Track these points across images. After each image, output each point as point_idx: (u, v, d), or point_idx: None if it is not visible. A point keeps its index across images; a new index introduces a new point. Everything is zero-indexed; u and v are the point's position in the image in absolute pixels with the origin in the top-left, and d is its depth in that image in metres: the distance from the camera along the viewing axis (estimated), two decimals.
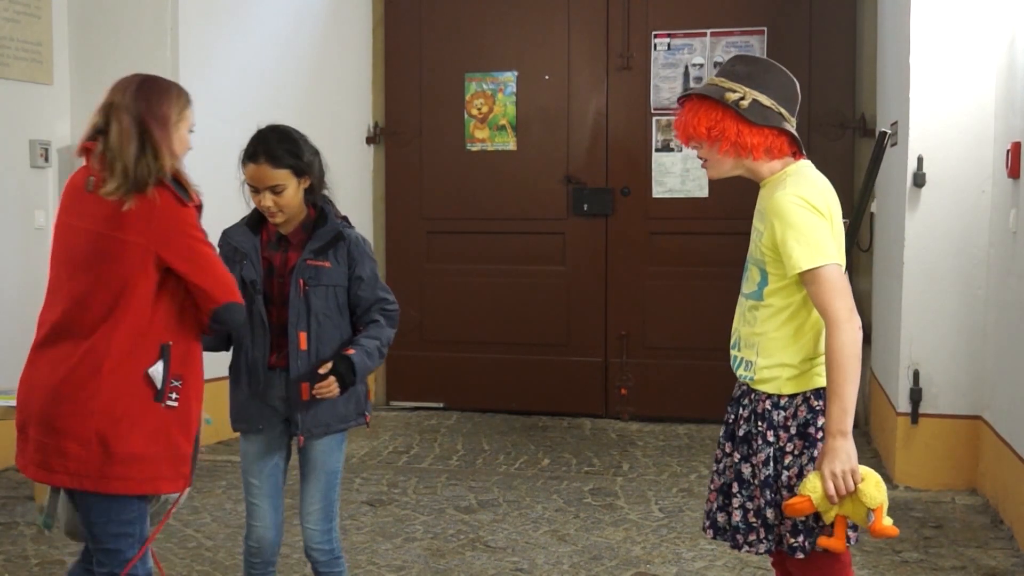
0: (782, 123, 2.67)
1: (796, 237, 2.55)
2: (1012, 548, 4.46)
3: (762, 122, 2.64)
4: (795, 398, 2.66)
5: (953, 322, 5.27)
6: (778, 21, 6.78)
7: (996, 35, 5.10)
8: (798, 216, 2.56)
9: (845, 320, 2.52)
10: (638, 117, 6.96)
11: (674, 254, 6.96)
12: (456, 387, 7.27)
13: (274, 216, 3.20)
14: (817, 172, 2.72)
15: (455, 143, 7.29)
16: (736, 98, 2.64)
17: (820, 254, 2.54)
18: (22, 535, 4.67)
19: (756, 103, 2.65)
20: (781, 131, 2.67)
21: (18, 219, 5.87)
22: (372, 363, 3.26)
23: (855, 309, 2.55)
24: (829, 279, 2.54)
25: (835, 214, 2.64)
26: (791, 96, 2.70)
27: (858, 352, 2.53)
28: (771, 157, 2.70)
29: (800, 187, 2.61)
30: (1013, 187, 4.75)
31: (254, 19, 6.58)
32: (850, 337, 2.51)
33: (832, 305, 2.53)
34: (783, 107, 2.67)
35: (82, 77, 6.14)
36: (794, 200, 2.58)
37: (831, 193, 2.66)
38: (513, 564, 4.33)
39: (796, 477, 2.64)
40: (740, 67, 2.72)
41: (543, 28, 7.12)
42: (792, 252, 2.56)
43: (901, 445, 5.34)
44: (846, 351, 2.51)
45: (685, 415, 6.76)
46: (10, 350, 5.93)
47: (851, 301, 2.55)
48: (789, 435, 2.65)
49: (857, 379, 2.53)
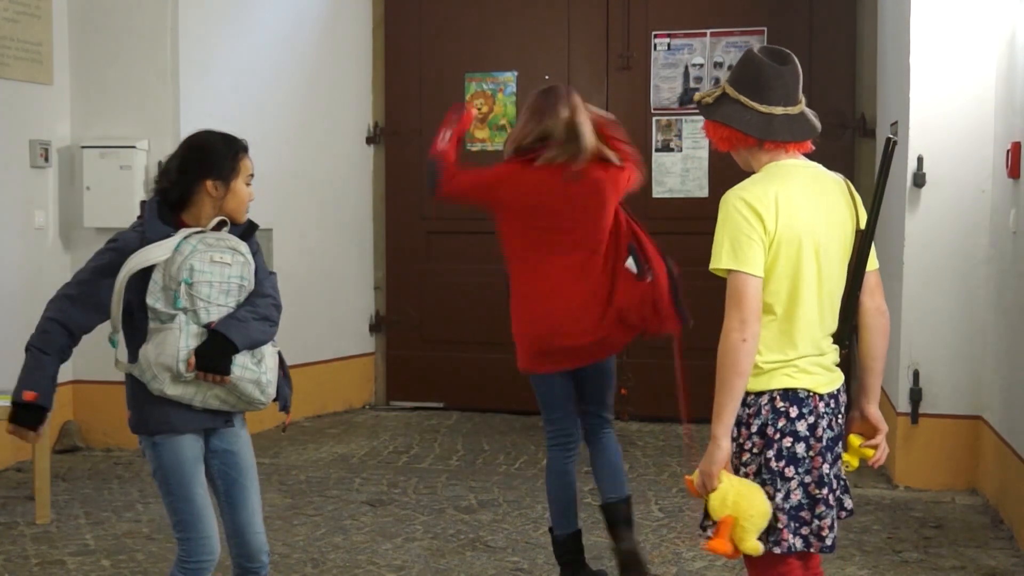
0: (734, 116, 2.66)
1: (720, 236, 2.63)
2: (1012, 548, 4.46)
3: (709, 115, 2.71)
4: (760, 396, 2.67)
5: (953, 322, 5.27)
6: (778, 21, 6.77)
7: (996, 35, 5.10)
8: (731, 215, 2.62)
9: (729, 330, 2.57)
10: (638, 117, 6.96)
11: (674, 254, 6.91)
12: (456, 387, 7.27)
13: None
14: (791, 178, 2.67)
15: None
16: (702, 96, 2.74)
17: (730, 258, 2.60)
18: (22, 535, 4.67)
19: (723, 97, 2.70)
20: (724, 125, 2.68)
21: (18, 219, 5.87)
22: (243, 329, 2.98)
23: (748, 321, 2.56)
24: (732, 285, 2.60)
25: (776, 221, 2.60)
26: (752, 81, 2.66)
27: (735, 363, 2.56)
28: (744, 146, 2.71)
29: (749, 188, 2.64)
30: (1013, 187, 4.75)
31: (254, 19, 6.58)
32: (729, 346, 2.56)
33: (726, 314, 2.59)
34: (743, 94, 2.66)
35: (82, 77, 6.14)
36: (732, 200, 2.63)
37: (785, 200, 2.62)
38: (513, 564, 4.34)
39: (754, 475, 2.67)
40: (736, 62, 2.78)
41: (543, 28, 7.12)
42: (713, 249, 2.65)
43: (901, 445, 5.34)
44: (722, 359, 2.58)
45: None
46: (10, 350, 5.94)
47: (747, 313, 2.57)
48: (749, 432, 2.67)
49: (733, 389, 2.58)
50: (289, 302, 7.71)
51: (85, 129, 6.13)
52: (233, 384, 2.96)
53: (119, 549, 4.50)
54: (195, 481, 3.02)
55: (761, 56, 2.69)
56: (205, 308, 2.94)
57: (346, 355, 7.26)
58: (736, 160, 2.81)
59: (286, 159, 6.71)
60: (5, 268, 5.76)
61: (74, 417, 6.07)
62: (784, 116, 2.67)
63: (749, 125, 2.66)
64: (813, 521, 2.67)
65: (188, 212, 3.02)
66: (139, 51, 6.06)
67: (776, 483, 2.64)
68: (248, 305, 3.01)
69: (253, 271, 3.05)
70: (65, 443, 5.98)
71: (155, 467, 3.03)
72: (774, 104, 2.66)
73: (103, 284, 2.94)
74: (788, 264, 2.63)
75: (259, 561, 3.13)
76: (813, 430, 2.66)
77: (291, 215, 6.78)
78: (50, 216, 6.09)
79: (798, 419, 2.65)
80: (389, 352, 7.46)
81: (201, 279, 2.92)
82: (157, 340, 2.92)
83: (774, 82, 2.66)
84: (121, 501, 5.15)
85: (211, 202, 3.01)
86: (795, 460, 2.65)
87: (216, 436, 3.08)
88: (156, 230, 2.96)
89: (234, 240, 3.02)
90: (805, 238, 2.63)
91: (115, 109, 6.09)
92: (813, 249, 2.65)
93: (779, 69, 2.67)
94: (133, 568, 4.29)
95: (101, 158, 6.01)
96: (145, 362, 2.93)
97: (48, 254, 6.05)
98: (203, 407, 2.99)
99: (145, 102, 6.04)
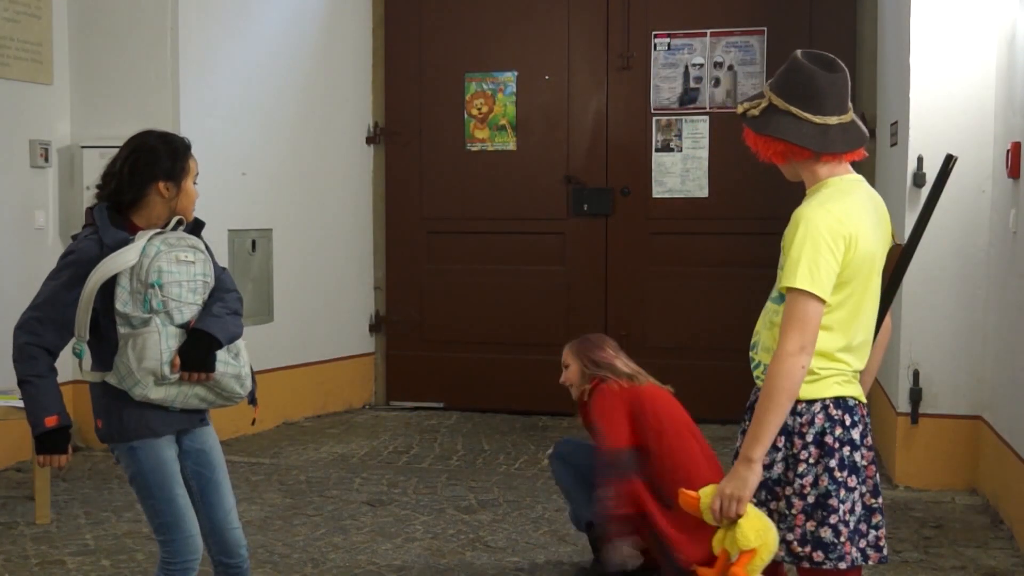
0: (789, 129, 2.57)
1: (798, 254, 2.51)
2: (1012, 548, 4.46)
3: (760, 129, 2.61)
4: (813, 404, 2.59)
5: (953, 322, 5.27)
6: (778, 21, 6.77)
7: (996, 35, 5.10)
8: (810, 235, 2.51)
9: (789, 354, 2.48)
10: (638, 117, 6.96)
11: (674, 254, 6.96)
12: (456, 387, 7.27)
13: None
14: (856, 193, 2.63)
15: (455, 143, 7.29)
16: (746, 107, 2.63)
17: (807, 280, 2.49)
18: (22, 535, 4.67)
19: (770, 108, 2.60)
20: (779, 139, 2.58)
21: (18, 219, 5.87)
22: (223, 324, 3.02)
23: (807, 348, 2.49)
24: (799, 307, 2.50)
25: (857, 241, 2.55)
26: (806, 93, 2.57)
27: (789, 388, 2.48)
28: (799, 159, 2.62)
29: (831, 209, 2.55)
30: (1013, 187, 4.75)
31: (254, 19, 6.58)
32: (786, 369, 2.47)
33: (785, 334, 2.50)
34: (795, 105, 2.56)
35: (82, 77, 6.14)
36: (817, 220, 2.53)
37: (859, 219, 2.57)
38: (513, 564, 4.34)
39: (811, 486, 2.58)
40: (778, 71, 2.66)
41: (543, 28, 7.12)
42: (785, 265, 2.54)
43: (901, 445, 5.34)
44: (777, 382, 2.48)
45: None
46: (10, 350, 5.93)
47: (807, 339, 2.49)
48: (804, 442, 2.58)
49: (782, 413, 2.50)
50: (289, 302, 7.68)
51: (85, 129, 6.13)
52: (215, 380, 2.97)
53: (119, 549, 4.50)
54: (175, 481, 3.02)
55: (811, 64, 2.59)
56: (178, 308, 2.94)
57: (346, 355, 7.26)
58: (783, 172, 2.72)
59: (286, 159, 6.71)
60: (5, 268, 5.76)
61: (74, 417, 6.05)
62: (838, 126, 2.59)
63: (806, 138, 2.57)
64: (870, 532, 2.64)
65: (139, 214, 3.01)
66: (139, 51, 6.06)
67: (839, 494, 2.57)
68: (219, 302, 3.03)
69: (212, 267, 3.08)
70: None
71: (134, 472, 3.02)
72: (829, 114, 2.58)
73: (67, 301, 2.91)
74: (859, 283, 2.59)
75: (239, 555, 3.14)
76: (864, 438, 2.62)
77: (291, 215, 6.78)
78: (50, 216, 6.08)
79: (852, 427, 2.60)
80: (389, 352, 7.46)
81: (170, 279, 2.92)
82: (136, 345, 2.89)
83: (827, 90, 2.57)
84: (121, 501, 5.15)
85: (163, 203, 3.01)
86: (855, 469, 2.60)
87: (188, 436, 3.09)
88: (113, 236, 2.94)
89: (192, 238, 3.04)
90: (873, 258, 2.61)
91: (115, 109, 6.08)
92: (876, 267, 2.63)
93: (831, 77, 2.58)
94: (133, 568, 4.29)
95: (101, 158, 5.95)
96: (125, 369, 2.91)
97: (48, 254, 6.04)
98: (182, 408, 2.99)
99: (145, 102, 6.03)
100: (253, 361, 3.17)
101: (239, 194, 6.35)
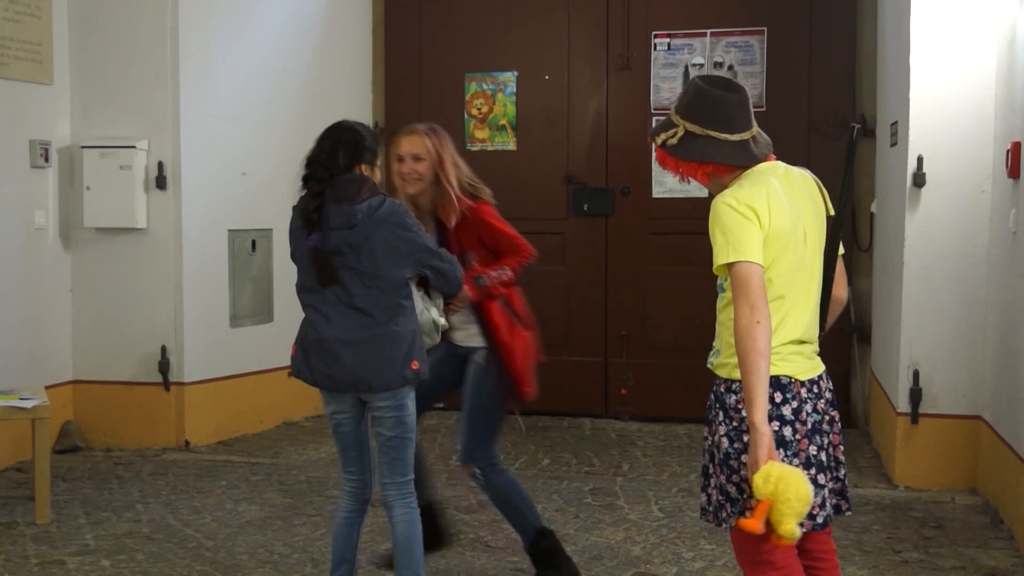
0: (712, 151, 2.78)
1: (720, 234, 2.74)
2: (1012, 548, 4.46)
3: (686, 156, 2.82)
4: None
5: (953, 322, 5.27)
6: (778, 21, 6.78)
7: (996, 35, 5.10)
8: (724, 215, 2.74)
9: (741, 316, 2.65)
10: (638, 117, 6.96)
11: (674, 254, 6.95)
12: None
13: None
14: (765, 176, 2.80)
15: (455, 143, 7.25)
16: (665, 137, 2.83)
17: (735, 251, 2.69)
18: (22, 535, 4.67)
19: (688, 135, 2.81)
20: (705, 162, 2.80)
21: (18, 219, 5.87)
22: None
23: (757, 305, 2.65)
24: (738, 275, 2.69)
25: (773, 214, 2.73)
26: (718, 116, 2.78)
27: (755, 345, 2.62)
28: (725, 175, 2.84)
29: (735, 191, 2.76)
30: (1013, 187, 4.75)
31: (254, 19, 6.58)
32: (742, 330, 2.64)
33: (736, 301, 2.68)
34: (711, 129, 2.78)
35: (82, 77, 6.14)
36: (724, 201, 2.75)
37: (765, 197, 2.74)
38: (513, 564, 4.34)
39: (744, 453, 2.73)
40: (681, 99, 2.87)
41: (543, 28, 7.12)
42: (715, 247, 2.75)
43: (901, 445, 5.34)
44: (741, 345, 2.64)
45: (685, 415, 6.74)
46: (10, 350, 5.95)
47: (756, 299, 2.65)
48: (741, 417, 2.74)
49: (761, 372, 2.62)
50: (289, 302, 7.72)
51: (85, 129, 6.13)
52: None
53: (119, 549, 4.50)
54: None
55: (715, 89, 2.81)
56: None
57: None
58: (708, 188, 2.92)
59: (286, 159, 6.66)
60: (5, 268, 5.75)
61: (74, 417, 6.07)
62: (751, 139, 2.82)
63: (730, 156, 2.80)
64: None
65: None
66: (139, 51, 6.06)
67: None
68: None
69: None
70: (65, 443, 5.97)
71: (408, 412, 3.55)
72: (743, 131, 2.81)
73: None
74: (783, 255, 2.75)
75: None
76: (797, 414, 2.77)
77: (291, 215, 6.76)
78: (50, 216, 6.08)
79: (782, 404, 2.75)
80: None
81: None
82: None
83: (737, 110, 2.80)
84: (121, 501, 5.15)
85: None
86: (783, 443, 2.73)
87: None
88: None
89: None
90: (796, 230, 2.77)
91: (115, 109, 6.09)
92: (803, 240, 2.79)
93: (737, 98, 2.81)
94: (133, 568, 4.29)
95: (101, 158, 6.01)
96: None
97: (48, 254, 6.05)
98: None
99: (145, 102, 6.04)
100: (253, 361, 3.18)
101: (239, 194, 6.35)
